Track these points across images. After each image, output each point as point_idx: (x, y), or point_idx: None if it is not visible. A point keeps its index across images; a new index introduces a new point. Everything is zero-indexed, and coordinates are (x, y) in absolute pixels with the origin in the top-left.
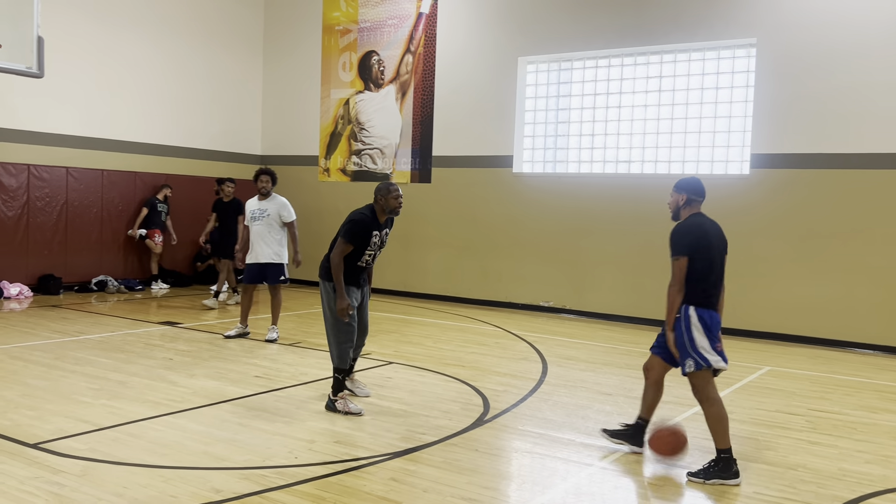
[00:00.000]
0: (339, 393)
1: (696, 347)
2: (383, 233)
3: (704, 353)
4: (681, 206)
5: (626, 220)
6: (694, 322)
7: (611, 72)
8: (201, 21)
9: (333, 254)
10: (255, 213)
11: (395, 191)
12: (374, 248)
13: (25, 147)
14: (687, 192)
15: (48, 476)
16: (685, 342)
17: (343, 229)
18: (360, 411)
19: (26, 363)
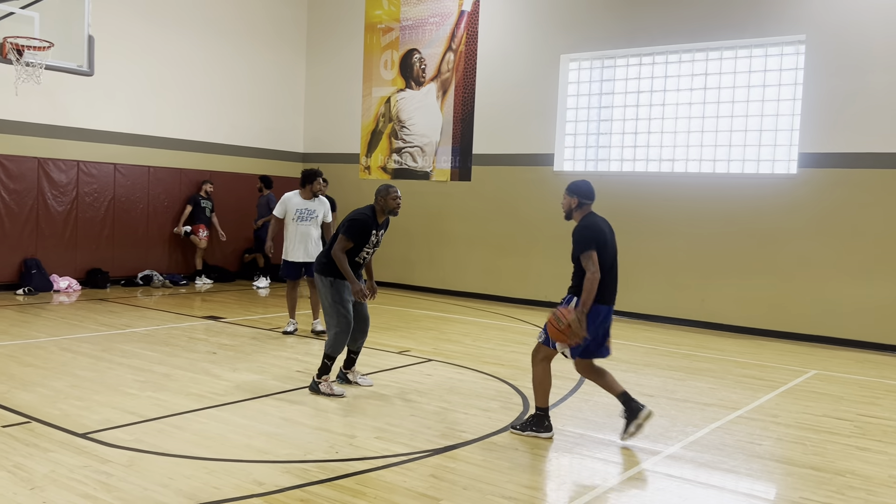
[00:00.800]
0: (323, 376)
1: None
2: (380, 233)
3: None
4: (573, 208)
5: (669, 220)
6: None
7: (655, 69)
8: (246, 21)
9: (335, 249)
10: (304, 213)
11: (394, 192)
12: (371, 245)
13: (75, 144)
14: (578, 195)
15: (96, 465)
16: (556, 318)
17: (344, 227)
18: (341, 394)
19: (75, 355)
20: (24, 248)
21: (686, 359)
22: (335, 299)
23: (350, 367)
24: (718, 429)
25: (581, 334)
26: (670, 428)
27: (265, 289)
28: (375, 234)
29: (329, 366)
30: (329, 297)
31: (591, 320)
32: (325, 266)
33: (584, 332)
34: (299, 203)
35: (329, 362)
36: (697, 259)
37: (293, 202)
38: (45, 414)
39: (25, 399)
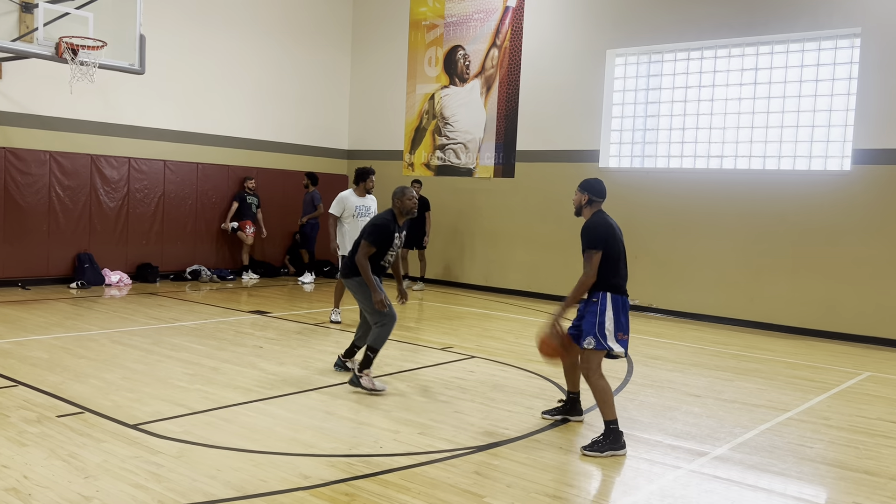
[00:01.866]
0: (364, 370)
1: (603, 330)
2: (402, 234)
3: (608, 336)
4: (583, 205)
5: (719, 217)
6: (608, 308)
7: (703, 64)
8: (292, 19)
9: (358, 256)
10: (362, 210)
11: (410, 192)
12: (394, 248)
13: (126, 141)
14: (589, 192)
15: (147, 456)
16: (595, 323)
17: (366, 232)
18: (383, 388)
19: (126, 347)
20: (77, 243)
21: (734, 359)
22: (369, 297)
23: (349, 356)
24: (768, 430)
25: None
26: (718, 429)
27: (310, 284)
28: (398, 237)
29: (372, 359)
30: (364, 294)
31: (621, 310)
32: (352, 269)
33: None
34: (357, 201)
35: (372, 355)
36: (747, 257)
37: (351, 200)
38: (98, 405)
39: (79, 390)
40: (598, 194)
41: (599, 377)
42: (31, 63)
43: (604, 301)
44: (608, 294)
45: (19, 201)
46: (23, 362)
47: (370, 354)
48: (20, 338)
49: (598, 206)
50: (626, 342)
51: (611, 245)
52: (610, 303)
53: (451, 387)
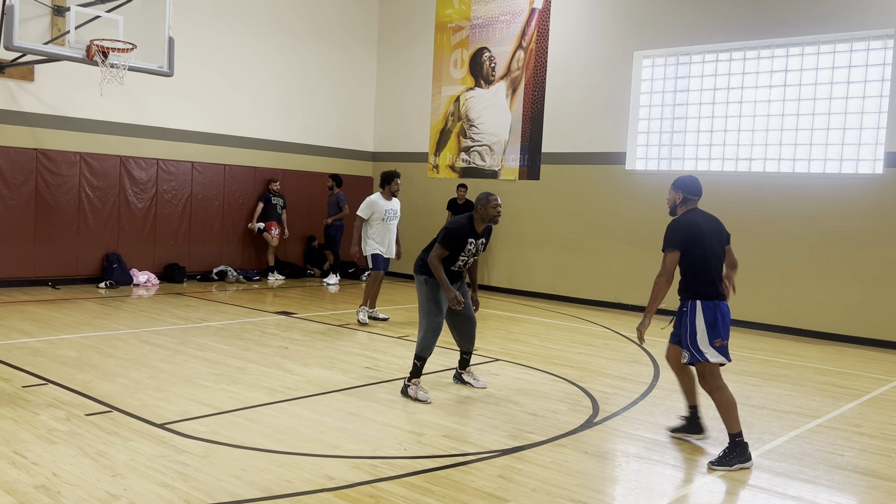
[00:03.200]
0: (413, 379)
1: (695, 342)
2: (479, 241)
3: (701, 347)
4: (678, 204)
5: (747, 220)
6: (698, 316)
7: (732, 66)
8: (318, 21)
9: (431, 257)
10: (391, 213)
11: (494, 200)
12: (468, 254)
13: (155, 142)
14: (683, 191)
15: (174, 455)
16: (687, 335)
17: (440, 235)
18: (427, 399)
19: (153, 347)
20: (106, 243)
21: (762, 364)
22: (428, 297)
23: (464, 368)
24: (797, 437)
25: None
26: (746, 435)
27: (335, 285)
28: (473, 244)
29: (419, 367)
30: (423, 295)
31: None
32: (424, 266)
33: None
34: (385, 204)
35: (419, 363)
36: (775, 261)
37: (380, 204)
38: (126, 404)
39: (107, 389)
40: (693, 192)
41: (717, 389)
42: (61, 66)
43: (693, 310)
44: (697, 302)
45: (50, 202)
46: (52, 361)
47: (417, 363)
48: (50, 336)
49: (693, 204)
50: (724, 348)
51: (692, 247)
52: (701, 311)
53: (476, 390)
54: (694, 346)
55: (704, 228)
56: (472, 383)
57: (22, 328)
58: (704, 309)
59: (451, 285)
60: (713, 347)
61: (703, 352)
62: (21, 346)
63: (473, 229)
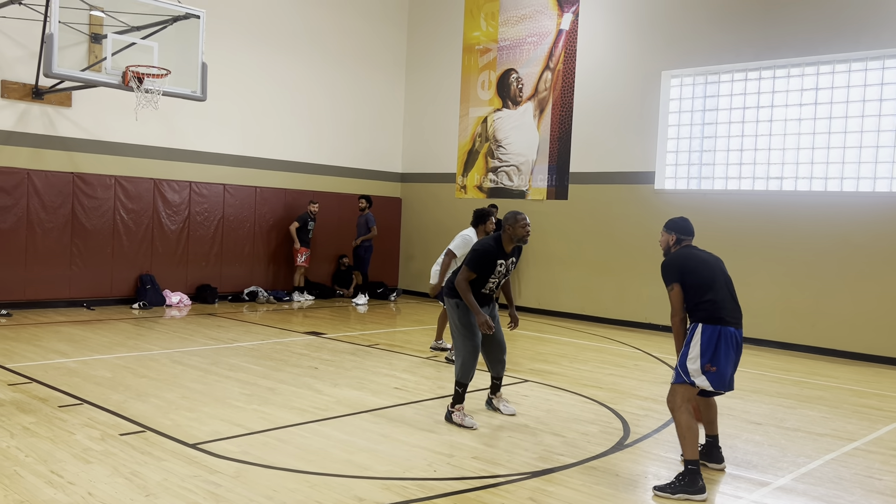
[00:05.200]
0: (456, 405)
1: (684, 361)
2: (509, 261)
3: (689, 368)
4: (671, 245)
5: (778, 239)
6: (696, 338)
7: (762, 84)
8: (347, 45)
9: (458, 279)
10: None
11: (523, 219)
12: (498, 276)
13: (188, 165)
14: (676, 232)
15: (206, 475)
16: (682, 354)
17: (467, 257)
18: (473, 426)
19: (185, 367)
20: (140, 264)
21: (796, 386)
22: (462, 321)
23: (494, 393)
24: (833, 461)
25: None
26: (780, 458)
27: (364, 305)
28: (503, 264)
29: (461, 394)
30: (455, 319)
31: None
32: (453, 289)
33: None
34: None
35: (461, 390)
36: (808, 281)
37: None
38: (159, 424)
39: (140, 409)
40: (685, 232)
41: (682, 411)
42: (98, 91)
43: (693, 332)
44: (699, 325)
45: (86, 224)
46: (87, 381)
47: (458, 389)
48: (85, 357)
49: (687, 244)
50: (714, 375)
51: (690, 276)
52: (699, 333)
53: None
54: (682, 365)
55: (702, 257)
56: (500, 409)
57: (58, 349)
58: (703, 332)
59: (482, 309)
60: (703, 372)
61: (689, 373)
62: (58, 366)
63: (502, 250)
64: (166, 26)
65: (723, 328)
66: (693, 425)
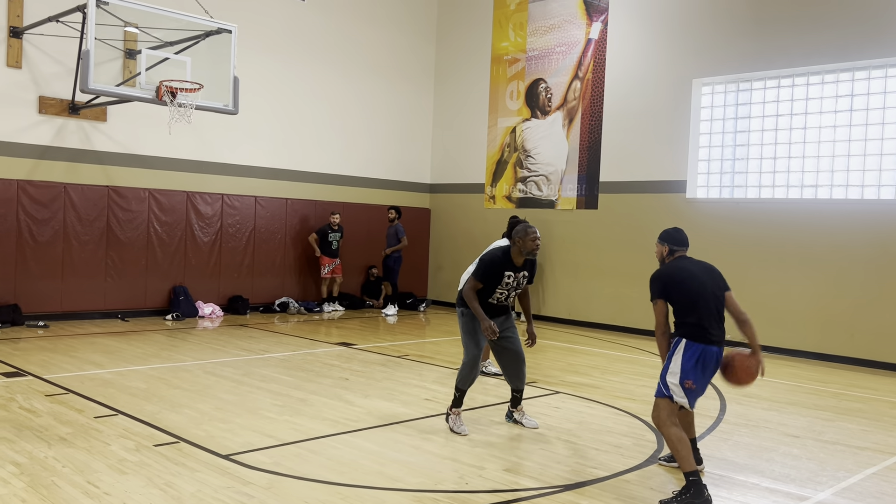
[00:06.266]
0: (453, 408)
1: (664, 375)
2: (520, 275)
3: (669, 382)
4: (665, 256)
5: (814, 248)
6: (678, 354)
7: (795, 91)
8: (376, 57)
9: (465, 288)
10: None
11: (533, 233)
12: (506, 288)
13: (220, 178)
14: (669, 243)
15: (238, 486)
16: (663, 367)
17: (476, 267)
18: (462, 432)
19: (218, 378)
20: (173, 276)
21: (834, 398)
22: (466, 330)
23: (515, 406)
24: (874, 475)
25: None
26: (819, 472)
27: (393, 316)
28: (513, 277)
29: (458, 398)
30: (461, 327)
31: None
32: (461, 300)
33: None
34: None
35: (457, 394)
36: (846, 291)
37: None
38: (192, 435)
39: (174, 420)
40: (678, 244)
41: (669, 426)
42: (132, 106)
43: (676, 346)
44: (683, 340)
45: (120, 237)
46: (122, 392)
47: (456, 394)
48: (120, 368)
49: (681, 254)
50: (694, 393)
51: (674, 292)
52: (682, 349)
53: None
54: (662, 378)
55: (691, 271)
56: (522, 423)
57: (94, 360)
58: (686, 348)
59: (494, 319)
60: (682, 387)
61: (669, 387)
62: (93, 377)
63: (511, 262)
64: (199, 41)
65: (706, 347)
66: (683, 437)
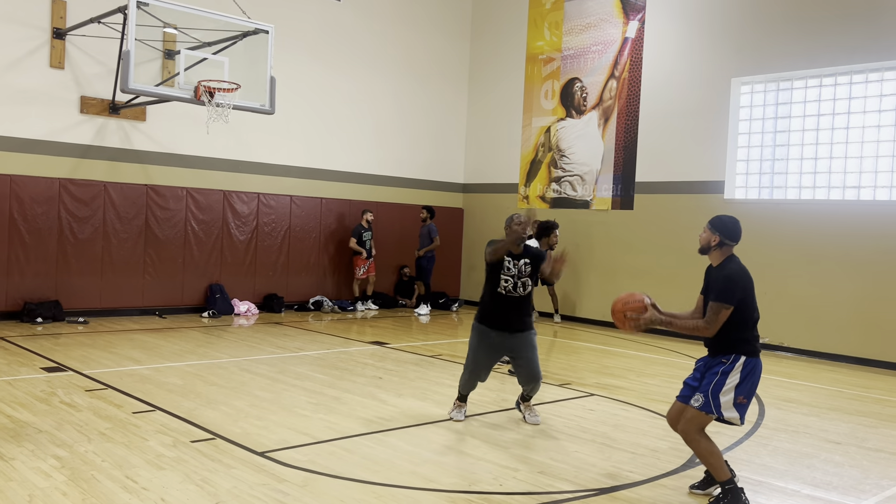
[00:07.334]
0: (457, 401)
1: (717, 393)
2: (521, 262)
3: (722, 401)
4: (712, 245)
5: (856, 250)
6: (734, 372)
7: (838, 91)
8: (411, 57)
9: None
10: None
11: (517, 218)
12: (510, 275)
13: (256, 177)
14: (721, 233)
15: (274, 484)
16: (713, 383)
17: None
18: (454, 417)
19: (253, 375)
20: (209, 274)
21: (878, 404)
22: (470, 344)
23: (524, 401)
24: None
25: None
26: (863, 480)
27: (426, 316)
28: (513, 263)
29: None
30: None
31: (750, 375)
32: (477, 313)
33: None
34: None
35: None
36: (890, 294)
37: None
38: (228, 431)
39: (210, 416)
40: (732, 237)
41: (699, 440)
42: (170, 105)
43: (734, 364)
44: (742, 357)
45: (158, 235)
46: (160, 388)
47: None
48: (157, 364)
49: (730, 250)
50: (745, 407)
51: (747, 302)
52: (741, 368)
53: (571, 425)
54: (714, 396)
55: (750, 275)
56: (525, 417)
57: (132, 356)
58: (745, 366)
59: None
60: (734, 405)
61: (721, 406)
62: (131, 373)
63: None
64: (236, 42)
65: (758, 360)
66: (713, 448)
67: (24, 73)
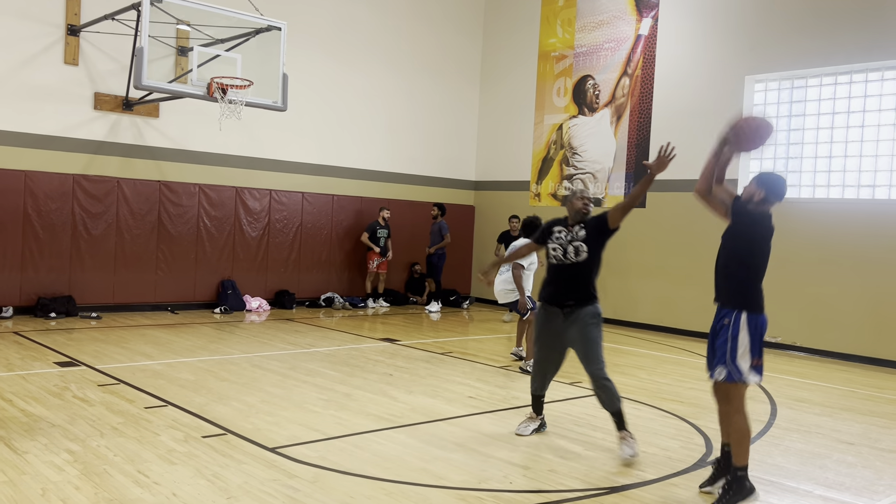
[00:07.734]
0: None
1: (735, 358)
2: (574, 229)
3: (741, 366)
4: (755, 202)
5: (870, 249)
6: (742, 330)
7: (853, 89)
8: (423, 54)
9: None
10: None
11: (580, 193)
12: (557, 242)
13: (268, 174)
14: (766, 189)
15: (284, 479)
16: (727, 350)
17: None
18: (519, 432)
19: (265, 371)
20: (221, 270)
21: (891, 404)
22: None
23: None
24: None
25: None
26: (876, 481)
27: (437, 313)
28: (564, 231)
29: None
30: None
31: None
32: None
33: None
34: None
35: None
36: None
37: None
38: (239, 427)
39: (221, 412)
40: (776, 194)
41: (743, 416)
42: (183, 102)
43: (737, 323)
44: (743, 314)
45: (171, 231)
46: (172, 383)
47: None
48: (169, 360)
49: (769, 208)
50: (760, 368)
51: (763, 249)
52: (745, 324)
53: (582, 423)
54: (734, 362)
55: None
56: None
57: (144, 351)
58: (749, 322)
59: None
60: (752, 368)
61: (743, 372)
62: (143, 368)
63: (561, 221)
64: (249, 38)
65: (760, 316)
66: (749, 432)
67: (38, 70)
